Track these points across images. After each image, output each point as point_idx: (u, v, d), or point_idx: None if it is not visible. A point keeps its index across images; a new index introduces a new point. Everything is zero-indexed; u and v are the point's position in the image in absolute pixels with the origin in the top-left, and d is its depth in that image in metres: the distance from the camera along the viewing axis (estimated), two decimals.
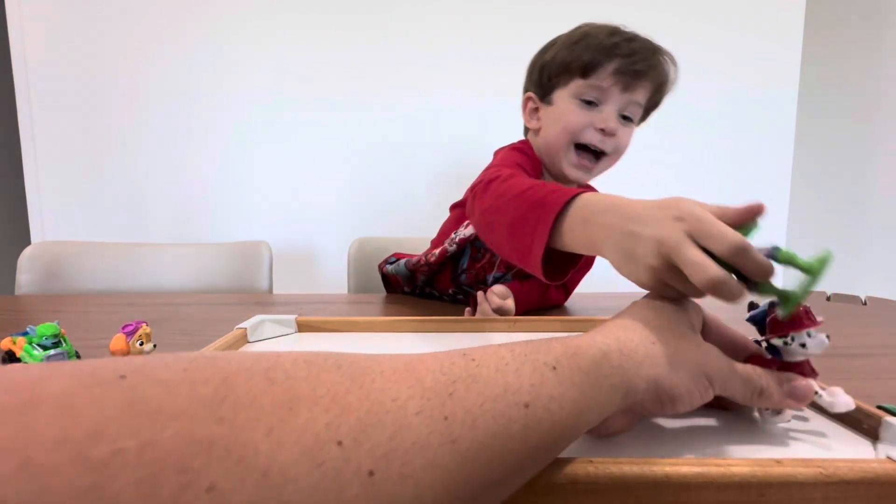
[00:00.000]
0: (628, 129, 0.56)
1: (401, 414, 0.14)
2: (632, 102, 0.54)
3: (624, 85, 0.53)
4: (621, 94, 0.53)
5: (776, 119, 1.35)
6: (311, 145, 1.31)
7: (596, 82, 0.53)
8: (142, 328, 0.35)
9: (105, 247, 0.93)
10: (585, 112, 0.54)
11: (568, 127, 0.55)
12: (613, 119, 0.54)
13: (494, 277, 0.62)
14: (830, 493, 0.17)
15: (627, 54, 0.52)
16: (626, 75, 0.52)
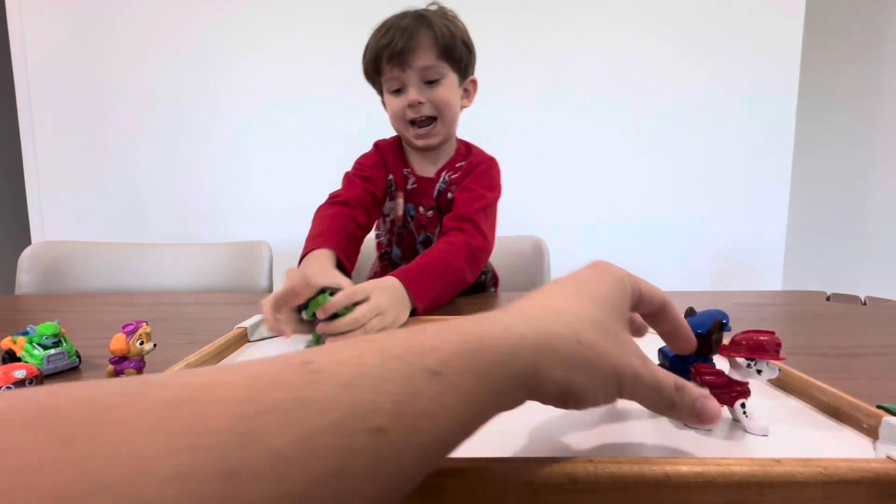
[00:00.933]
0: (440, 88, 0.63)
1: (143, 485, 0.09)
2: (422, 69, 0.61)
3: (400, 66, 0.61)
4: (405, 72, 0.61)
5: (776, 119, 1.35)
6: (312, 145, 1.31)
7: (388, 77, 0.63)
8: (142, 328, 0.35)
9: (105, 247, 0.93)
10: (398, 98, 0.64)
11: (392, 115, 0.66)
12: (415, 93, 0.62)
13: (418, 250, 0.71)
14: (830, 493, 0.17)
15: (387, 43, 0.60)
16: (394, 58, 0.60)
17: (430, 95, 0.62)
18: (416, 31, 0.60)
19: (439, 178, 0.68)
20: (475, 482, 0.18)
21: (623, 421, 0.25)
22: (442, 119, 0.64)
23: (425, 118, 0.63)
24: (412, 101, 0.62)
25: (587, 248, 1.38)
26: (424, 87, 0.62)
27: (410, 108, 0.62)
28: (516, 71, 1.32)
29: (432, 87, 0.63)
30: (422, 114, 0.63)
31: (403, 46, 0.59)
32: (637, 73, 1.33)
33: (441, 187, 0.68)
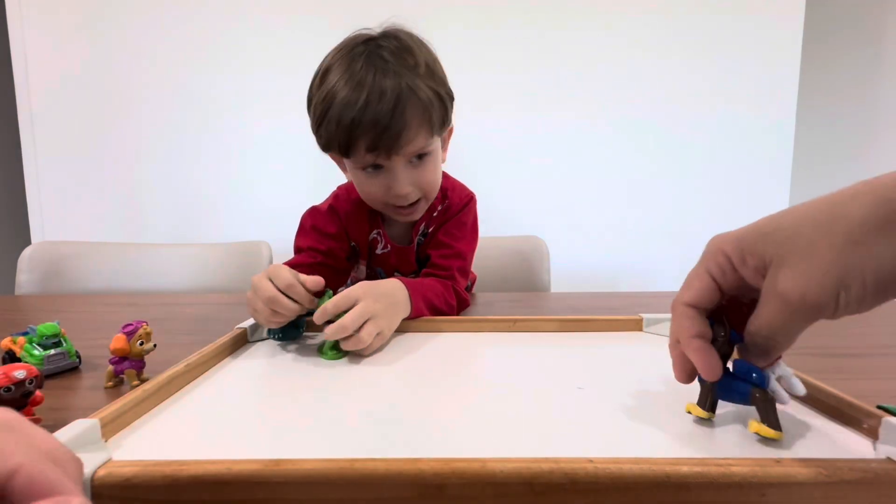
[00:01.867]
0: (427, 167, 0.52)
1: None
2: (409, 153, 0.50)
3: (386, 154, 0.49)
4: (390, 159, 0.49)
5: (776, 119, 1.35)
6: (312, 145, 1.31)
7: (361, 158, 0.50)
8: (142, 328, 0.35)
9: (105, 247, 0.93)
10: (375, 180, 0.52)
11: (369, 198, 0.54)
12: (400, 183, 0.51)
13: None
14: (830, 493, 0.17)
15: (369, 129, 0.47)
16: (380, 150, 0.48)
17: (417, 179, 0.52)
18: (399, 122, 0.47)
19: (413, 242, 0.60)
20: (476, 482, 0.18)
21: (623, 421, 0.25)
22: (427, 198, 0.55)
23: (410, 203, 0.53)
24: (402, 192, 0.51)
25: (587, 248, 1.38)
26: (410, 168, 0.51)
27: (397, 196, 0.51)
28: (517, 72, 1.32)
29: (419, 168, 0.52)
30: (409, 201, 0.52)
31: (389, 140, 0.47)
32: (637, 73, 1.33)
33: (420, 241, 0.60)
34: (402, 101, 0.47)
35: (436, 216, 0.60)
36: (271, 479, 0.18)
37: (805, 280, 0.20)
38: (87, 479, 0.18)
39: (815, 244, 0.20)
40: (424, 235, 0.60)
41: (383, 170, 0.51)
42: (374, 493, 0.18)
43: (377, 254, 0.61)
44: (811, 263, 0.20)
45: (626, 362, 0.36)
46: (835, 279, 0.20)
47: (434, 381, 0.32)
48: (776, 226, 0.22)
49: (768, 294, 0.22)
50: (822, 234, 0.20)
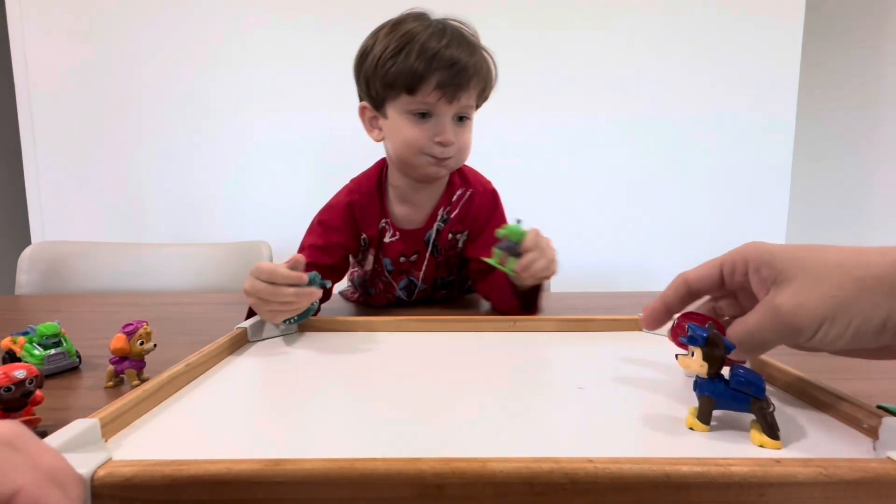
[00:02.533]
0: (466, 128, 0.57)
1: None
2: (464, 107, 0.55)
3: (450, 97, 0.52)
4: (449, 105, 0.53)
5: (776, 119, 1.35)
6: (312, 145, 1.31)
7: (423, 98, 0.52)
8: (142, 328, 0.35)
9: (105, 247, 0.93)
10: (421, 126, 0.54)
11: (409, 143, 0.55)
12: (449, 130, 0.54)
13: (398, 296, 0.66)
14: (830, 493, 0.17)
15: (448, 65, 0.51)
16: (449, 87, 0.52)
17: (459, 135, 0.55)
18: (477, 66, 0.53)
19: (434, 219, 0.61)
20: (475, 482, 0.18)
21: (623, 420, 0.25)
22: (457, 158, 0.57)
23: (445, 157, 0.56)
24: (447, 140, 0.54)
25: (587, 248, 1.38)
26: (455, 124, 0.55)
27: (439, 143, 0.54)
28: (517, 72, 1.31)
29: (461, 127, 0.56)
30: (447, 154, 0.55)
31: (462, 80, 0.52)
32: (636, 73, 1.33)
33: (440, 227, 0.61)
34: (476, 54, 0.54)
35: (455, 200, 0.62)
36: (271, 479, 0.18)
37: (801, 301, 0.22)
38: (87, 478, 0.18)
39: (828, 276, 0.22)
40: (444, 221, 0.62)
41: (431, 118, 0.54)
42: (374, 493, 0.18)
43: (385, 243, 0.62)
44: (814, 290, 0.22)
45: (626, 362, 0.36)
46: (828, 311, 0.21)
47: (434, 380, 0.32)
48: (805, 254, 0.23)
49: (764, 304, 0.23)
50: (839, 271, 0.22)
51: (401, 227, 0.61)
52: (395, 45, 0.53)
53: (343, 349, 0.40)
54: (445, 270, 0.66)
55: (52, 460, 0.16)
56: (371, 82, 0.55)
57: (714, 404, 0.24)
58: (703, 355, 0.24)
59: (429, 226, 0.61)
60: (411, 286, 0.64)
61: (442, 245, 0.62)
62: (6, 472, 0.14)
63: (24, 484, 0.14)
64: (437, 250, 0.62)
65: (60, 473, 0.15)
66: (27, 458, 0.15)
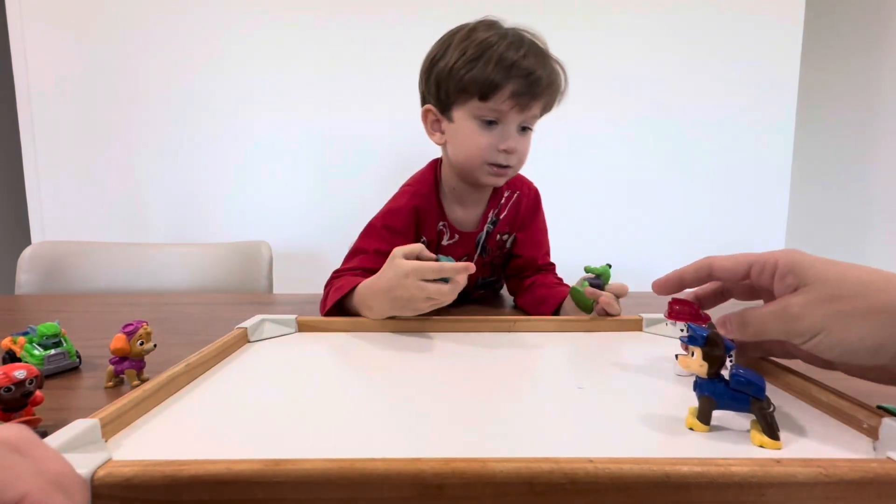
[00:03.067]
0: (528, 138, 0.59)
1: None
2: (530, 117, 0.57)
3: (522, 107, 0.54)
4: (520, 115, 0.55)
5: (776, 119, 1.35)
6: (312, 145, 1.31)
7: (495, 106, 0.54)
8: (142, 328, 0.35)
9: (105, 247, 0.93)
10: (487, 133, 0.55)
11: (473, 150, 0.56)
12: (514, 138, 0.56)
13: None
14: (831, 493, 0.17)
15: (524, 75, 0.53)
16: (523, 97, 0.53)
17: (520, 145, 0.57)
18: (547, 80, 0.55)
19: (482, 228, 0.63)
20: (475, 482, 0.18)
21: (623, 421, 0.25)
22: (516, 168, 0.59)
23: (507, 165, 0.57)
24: (511, 148, 0.55)
25: (587, 248, 1.38)
26: (519, 134, 0.57)
27: (503, 152, 0.55)
28: None
29: (523, 136, 0.58)
30: (509, 161, 0.56)
31: (538, 91, 0.54)
32: (636, 74, 1.33)
33: (489, 229, 0.63)
34: (550, 66, 0.56)
35: (504, 202, 0.64)
36: (271, 479, 0.18)
37: (809, 310, 0.23)
38: (87, 479, 0.18)
39: (842, 294, 0.23)
40: (494, 223, 0.63)
41: (497, 126, 0.55)
42: (374, 493, 0.18)
43: (443, 245, 0.63)
44: (824, 304, 0.23)
45: (627, 362, 0.36)
46: (827, 323, 0.23)
47: (434, 381, 0.32)
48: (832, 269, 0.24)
49: (780, 300, 0.25)
50: (861, 293, 0.23)
51: (459, 230, 0.63)
52: (472, 52, 0.54)
53: (343, 349, 0.40)
54: (489, 270, 0.67)
55: (56, 465, 0.16)
56: (442, 85, 0.56)
57: (714, 404, 0.24)
58: (702, 355, 0.24)
59: (480, 228, 0.63)
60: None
61: (490, 246, 0.64)
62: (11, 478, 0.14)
63: (29, 490, 0.14)
64: (485, 251, 0.64)
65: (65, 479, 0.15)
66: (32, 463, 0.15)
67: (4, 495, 0.14)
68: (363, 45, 1.24)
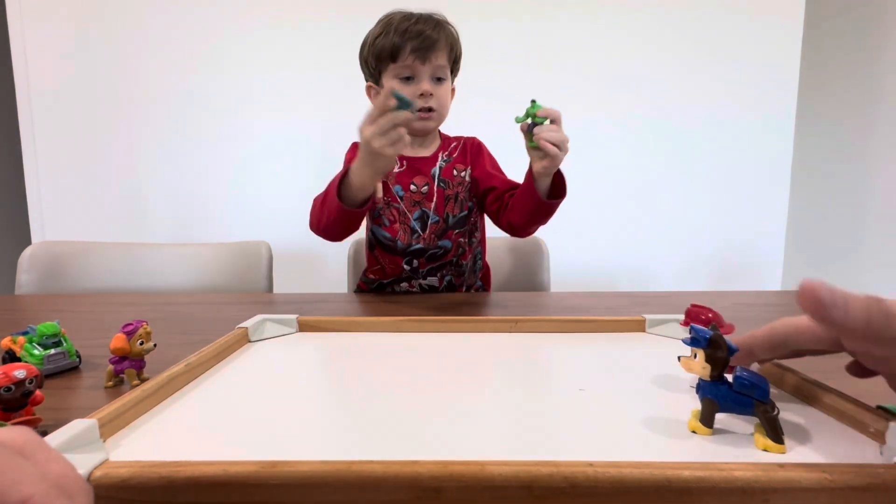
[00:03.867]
0: (444, 86, 0.71)
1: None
2: (437, 67, 0.69)
3: (423, 59, 0.67)
4: (424, 66, 0.68)
5: (776, 120, 1.35)
6: (312, 145, 1.31)
7: (403, 63, 0.68)
8: (142, 328, 0.35)
9: (105, 247, 0.93)
10: (407, 86, 0.69)
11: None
12: (427, 84, 0.69)
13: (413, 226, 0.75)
14: (836, 499, 0.17)
15: (416, 35, 0.67)
16: (420, 51, 0.67)
17: (436, 91, 0.70)
18: (439, 34, 0.68)
19: (437, 159, 0.75)
20: (473, 485, 0.18)
21: (624, 424, 0.25)
22: (439, 112, 0.72)
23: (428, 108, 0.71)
24: (426, 91, 0.69)
25: (587, 248, 1.38)
26: (432, 83, 0.70)
27: (422, 96, 0.69)
28: (517, 72, 1.31)
29: (439, 85, 0.71)
30: (428, 104, 0.70)
31: (430, 44, 0.67)
32: (636, 74, 1.32)
33: (442, 165, 0.75)
34: (439, 28, 0.69)
35: (454, 148, 0.77)
36: (268, 480, 0.18)
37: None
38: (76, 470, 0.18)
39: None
40: (447, 161, 0.76)
41: (414, 81, 0.69)
42: (372, 495, 0.18)
43: (395, 173, 0.74)
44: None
45: (629, 364, 0.35)
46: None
47: (433, 382, 0.32)
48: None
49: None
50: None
51: (408, 157, 0.74)
52: (378, 29, 0.70)
53: (342, 349, 0.39)
54: (456, 206, 0.75)
55: (60, 469, 0.16)
56: (368, 61, 0.72)
57: (717, 407, 0.24)
58: (705, 357, 0.24)
59: (433, 163, 0.74)
60: (424, 217, 0.73)
61: (448, 178, 0.74)
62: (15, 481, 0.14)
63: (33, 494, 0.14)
64: (445, 183, 0.74)
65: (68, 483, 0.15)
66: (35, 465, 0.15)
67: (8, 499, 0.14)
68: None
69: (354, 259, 0.93)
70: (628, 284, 1.37)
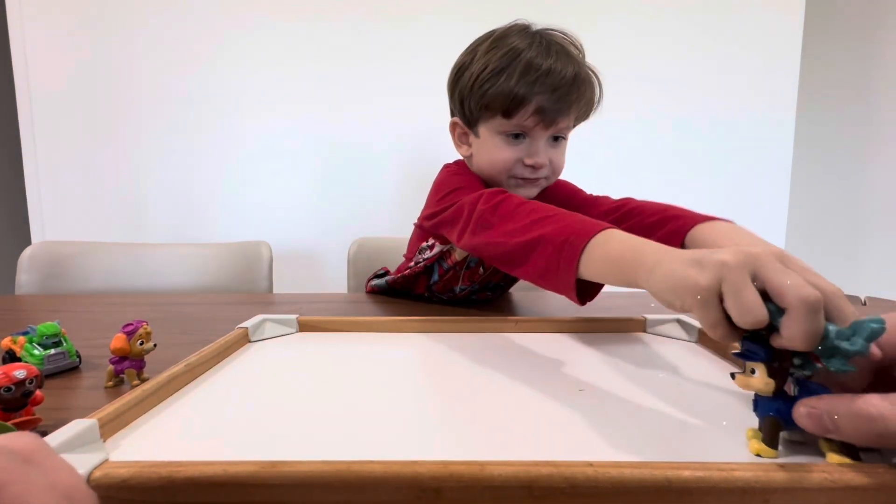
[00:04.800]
0: (561, 148, 0.56)
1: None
2: (559, 129, 0.54)
3: (546, 123, 0.51)
4: (545, 130, 0.52)
5: (776, 120, 1.35)
6: (312, 145, 1.31)
7: (518, 122, 0.51)
8: (142, 327, 0.35)
9: (105, 247, 0.93)
10: (513, 148, 0.53)
11: (497, 165, 0.54)
12: (541, 153, 0.53)
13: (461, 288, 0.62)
14: (836, 499, 0.17)
15: (550, 90, 0.49)
16: (548, 114, 0.50)
17: (552, 156, 0.54)
18: (579, 97, 0.51)
19: None
20: (474, 485, 0.18)
21: (624, 424, 0.25)
22: (549, 179, 0.57)
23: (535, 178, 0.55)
24: (539, 164, 0.53)
25: None
26: (549, 147, 0.54)
27: (528, 167, 0.53)
28: None
29: (555, 147, 0.55)
30: (537, 175, 0.54)
31: (563, 107, 0.50)
32: (636, 74, 1.32)
33: None
34: (580, 76, 0.51)
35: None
36: (267, 481, 0.18)
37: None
38: (84, 480, 0.18)
39: None
40: None
41: (524, 140, 0.53)
42: (371, 496, 0.18)
43: None
44: None
45: (629, 364, 0.35)
46: None
47: (433, 382, 0.32)
48: None
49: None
50: None
51: None
52: (494, 65, 0.51)
53: (342, 349, 0.39)
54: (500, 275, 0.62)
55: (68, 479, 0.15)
56: (466, 101, 0.54)
57: (782, 425, 0.20)
58: (767, 371, 0.20)
59: None
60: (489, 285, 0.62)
61: None
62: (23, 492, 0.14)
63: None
64: None
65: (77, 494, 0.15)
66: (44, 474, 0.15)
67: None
68: (365, 45, 1.24)
69: (354, 259, 0.93)
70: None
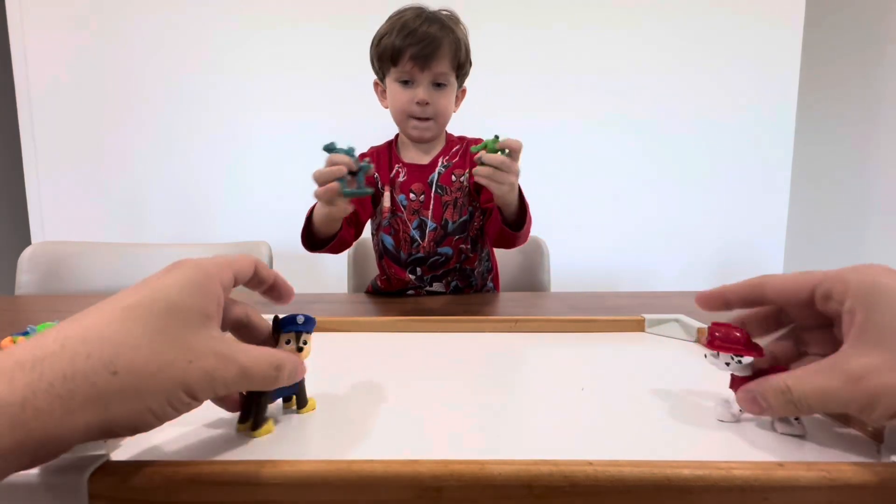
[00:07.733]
0: (445, 93, 0.69)
1: None
2: (437, 74, 0.67)
3: (421, 66, 0.65)
4: (422, 73, 0.66)
5: (776, 120, 1.35)
6: (312, 145, 1.31)
7: (402, 68, 0.66)
8: None
9: (105, 247, 0.93)
10: (405, 91, 0.68)
11: (396, 105, 0.69)
12: (424, 92, 0.67)
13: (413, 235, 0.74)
14: (835, 497, 0.17)
15: (419, 39, 0.64)
16: (419, 59, 0.65)
17: (435, 99, 0.68)
18: (442, 40, 0.65)
19: (436, 164, 0.73)
20: (474, 485, 0.18)
21: (624, 423, 0.25)
22: (437, 121, 0.70)
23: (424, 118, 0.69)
24: (421, 100, 0.67)
25: (587, 247, 1.38)
26: (432, 89, 0.68)
27: (417, 104, 0.67)
28: (517, 74, 1.31)
29: (438, 91, 0.68)
30: (425, 114, 0.68)
31: (429, 52, 0.65)
32: (636, 74, 1.32)
33: (441, 171, 0.73)
34: (445, 31, 0.66)
35: (454, 153, 0.75)
36: (268, 480, 0.18)
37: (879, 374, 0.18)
38: (84, 479, 0.18)
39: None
40: (446, 166, 0.73)
41: (413, 84, 0.67)
42: (372, 495, 0.18)
43: (399, 182, 0.73)
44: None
45: (628, 364, 0.35)
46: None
47: (433, 381, 0.32)
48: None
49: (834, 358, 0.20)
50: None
51: (409, 164, 0.73)
52: (385, 27, 0.68)
53: (342, 349, 0.39)
54: (455, 212, 0.73)
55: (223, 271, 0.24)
56: (374, 59, 0.71)
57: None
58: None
59: (432, 169, 0.73)
60: (422, 225, 0.73)
61: (447, 184, 0.73)
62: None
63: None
64: (442, 189, 0.72)
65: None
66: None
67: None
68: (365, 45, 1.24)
69: (354, 259, 0.93)
70: (628, 284, 1.37)
